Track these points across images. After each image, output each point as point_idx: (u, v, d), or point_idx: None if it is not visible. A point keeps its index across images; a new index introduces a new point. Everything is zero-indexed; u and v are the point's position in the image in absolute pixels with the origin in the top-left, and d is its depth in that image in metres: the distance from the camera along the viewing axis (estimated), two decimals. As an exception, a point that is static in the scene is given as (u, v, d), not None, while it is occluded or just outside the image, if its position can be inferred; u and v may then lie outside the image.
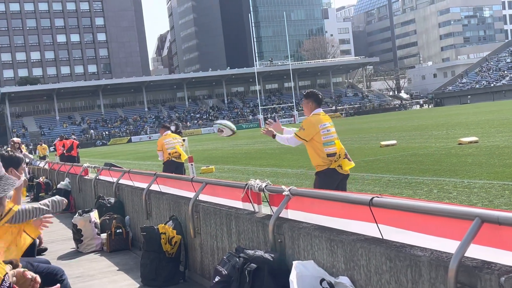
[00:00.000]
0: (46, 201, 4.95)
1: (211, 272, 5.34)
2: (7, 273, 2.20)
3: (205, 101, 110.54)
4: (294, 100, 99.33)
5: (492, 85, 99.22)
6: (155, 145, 16.84)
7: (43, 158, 28.31)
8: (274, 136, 7.08)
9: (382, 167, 15.08)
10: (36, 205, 4.80)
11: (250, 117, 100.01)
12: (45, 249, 8.89)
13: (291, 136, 6.96)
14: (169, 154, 13.61)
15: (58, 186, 14.33)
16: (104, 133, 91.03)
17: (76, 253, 8.65)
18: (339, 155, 6.71)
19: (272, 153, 24.96)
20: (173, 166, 13.22)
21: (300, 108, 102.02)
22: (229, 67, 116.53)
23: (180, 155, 13.56)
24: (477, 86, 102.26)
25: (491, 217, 2.66)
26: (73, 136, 24.78)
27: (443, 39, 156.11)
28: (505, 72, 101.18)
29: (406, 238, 3.28)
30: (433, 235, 3.11)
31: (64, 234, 10.44)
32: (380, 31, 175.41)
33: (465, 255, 2.72)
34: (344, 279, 3.52)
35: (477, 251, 2.78)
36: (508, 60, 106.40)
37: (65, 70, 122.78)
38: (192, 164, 16.84)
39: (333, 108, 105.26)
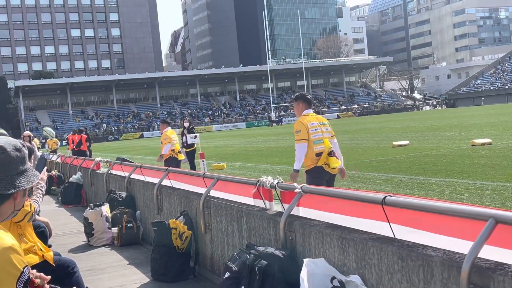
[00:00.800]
0: (39, 190, 5.01)
1: (221, 268, 5.35)
2: (26, 265, 2.22)
3: (218, 98, 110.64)
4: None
5: (506, 87, 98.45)
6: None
7: (53, 152, 28.44)
8: (296, 170, 7.11)
9: (394, 167, 15.01)
10: (35, 197, 4.87)
11: (265, 114, 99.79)
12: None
13: (296, 147, 7.04)
14: (172, 150, 13.81)
15: (70, 179, 14.41)
16: (113, 128, 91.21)
17: (87, 247, 8.70)
18: (325, 153, 6.95)
19: (284, 151, 24.93)
20: (174, 163, 13.40)
21: (312, 107, 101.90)
22: (242, 65, 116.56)
23: (179, 151, 13.85)
24: (491, 87, 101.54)
25: (506, 218, 2.63)
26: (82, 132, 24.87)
27: (457, 39, 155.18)
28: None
29: (419, 237, 3.26)
30: (446, 235, 3.08)
31: (75, 227, 10.49)
32: (394, 31, 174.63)
33: (478, 256, 2.69)
34: (355, 278, 3.51)
35: (490, 252, 2.76)
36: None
37: (79, 64, 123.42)
38: (203, 161, 16.89)
39: (343, 107, 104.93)
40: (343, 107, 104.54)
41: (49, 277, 2.85)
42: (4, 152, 2.34)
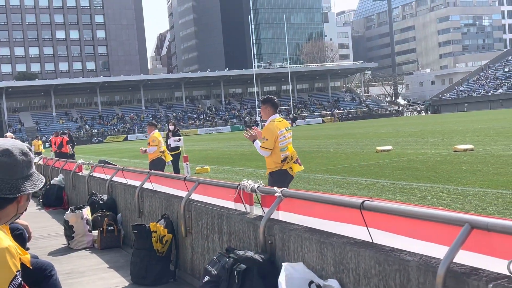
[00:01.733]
0: None
1: (202, 271, 5.32)
2: (19, 270, 2.19)
3: (203, 101, 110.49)
4: (292, 103, 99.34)
5: (489, 94, 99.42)
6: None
7: (38, 153, 28.21)
8: (254, 141, 7.45)
9: (377, 172, 15.08)
10: None
11: (247, 118, 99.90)
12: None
13: (260, 150, 7.32)
14: (160, 152, 13.90)
15: (52, 182, 14.28)
16: (93, 130, 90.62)
17: (66, 250, 8.62)
18: (291, 157, 7.24)
19: (268, 155, 24.94)
20: (162, 164, 13.48)
21: (297, 112, 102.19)
22: (227, 68, 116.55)
23: (165, 152, 14.05)
24: (475, 94, 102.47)
25: (480, 223, 2.65)
26: (64, 134, 24.73)
27: (442, 46, 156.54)
28: (503, 81, 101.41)
29: (396, 242, 3.27)
30: (423, 240, 3.10)
31: (55, 230, 10.40)
32: (379, 37, 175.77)
33: (454, 261, 2.70)
34: (333, 282, 3.51)
35: (466, 257, 2.77)
36: (506, 70, 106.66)
37: (63, 66, 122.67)
38: (187, 164, 16.84)
39: (328, 112, 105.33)
40: (323, 112, 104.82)
41: None
42: (11, 155, 2.33)
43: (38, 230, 10.15)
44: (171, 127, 17.65)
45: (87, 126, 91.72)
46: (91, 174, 11.31)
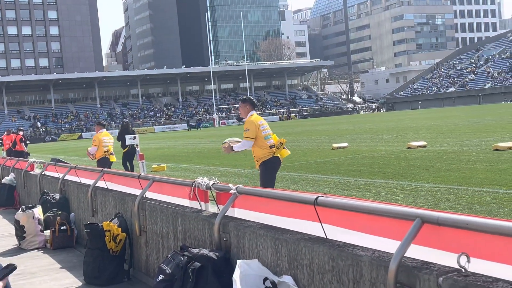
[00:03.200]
0: None
1: (156, 271, 5.25)
2: None
3: (159, 99, 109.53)
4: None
5: (442, 91, 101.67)
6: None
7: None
8: (232, 149, 7.97)
9: (333, 169, 15.21)
10: None
11: (207, 116, 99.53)
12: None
13: (243, 141, 7.86)
14: (104, 152, 13.93)
15: (3, 181, 13.92)
16: (42, 129, 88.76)
17: (18, 250, 8.41)
18: (280, 143, 7.82)
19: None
20: (107, 164, 13.47)
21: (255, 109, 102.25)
22: (184, 66, 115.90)
23: (112, 153, 14.12)
24: (428, 92, 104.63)
25: (431, 217, 2.67)
26: (20, 132, 24.09)
27: (396, 45, 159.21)
28: (455, 79, 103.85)
29: (350, 237, 3.28)
30: (375, 235, 3.12)
31: (6, 230, 10.14)
32: (335, 35, 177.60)
33: (406, 255, 2.72)
34: (287, 278, 3.50)
35: (417, 252, 2.79)
36: (458, 68, 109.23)
37: (15, 63, 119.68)
38: (143, 162, 16.64)
39: (286, 110, 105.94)
40: (281, 109, 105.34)
41: None
42: None
43: (-13, 231, 9.87)
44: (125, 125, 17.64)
45: (38, 123, 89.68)
46: (43, 173, 11.06)
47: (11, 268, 2.89)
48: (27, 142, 25.24)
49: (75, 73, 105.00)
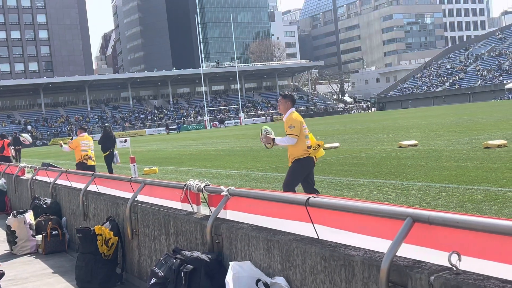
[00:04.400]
0: None
1: (149, 274, 5.24)
2: None
3: (150, 101, 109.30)
4: (240, 102, 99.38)
5: (432, 90, 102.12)
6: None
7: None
8: (273, 140, 7.87)
9: (325, 169, 15.23)
10: None
11: (198, 118, 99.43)
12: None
13: (287, 137, 7.77)
14: (81, 156, 14.11)
15: (-7, 186, 13.83)
16: (33, 132, 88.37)
17: (9, 256, 8.36)
18: (318, 145, 7.90)
19: (217, 154, 24.90)
20: (85, 168, 13.62)
21: (246, 110, 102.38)
22: (175, 68, 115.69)
23: (91, 157, 14.24)
24: (418, 91, 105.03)
25: (422, 216, 2.68)
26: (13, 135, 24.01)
27: (386, 44, 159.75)
28: (445, 78, 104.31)
29: (341, 238, 3.29)
30: (367, 235, 3.12)
31: (-3, 236, 10.07)
32: (325, 36, 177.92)
33: (397, 254, 2.73)
34: (279, 280, 3.50)
35: (409, 251, 2.80)
36: (448, 67, 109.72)
37: (4, 67, 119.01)
38: (134, 165, 16.62)
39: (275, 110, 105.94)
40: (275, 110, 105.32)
41: None
42: None
43: (-22, 237, 9.81)
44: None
45: (29, 127, 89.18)
46: (34, 178, 11.01)
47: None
48: (20, 147, 25.08)
49: (65, 76, 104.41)
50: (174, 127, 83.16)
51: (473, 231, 2.48)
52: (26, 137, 29.29)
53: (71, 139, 14.64)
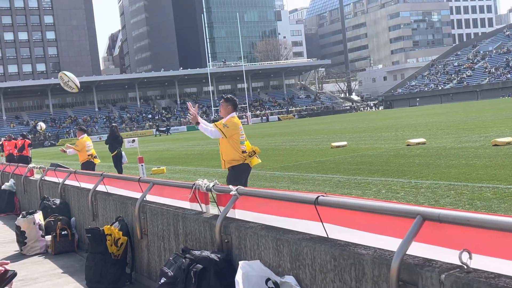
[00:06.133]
0: None
1: (158, 273, 5.25)
2: None
3: (157, 101, 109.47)
4: (247, 101, 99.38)
5: (440, 88, 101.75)
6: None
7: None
8: (198, 123, 7.74)
9: (333, 167, 15.22)
10: None
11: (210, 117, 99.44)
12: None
13: (214, 130, 7.75)
14: (88, 155, 14.62)
15: (3, 187, 13.90)
16: (34, 133, 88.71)
17: (19, 256, 8.40)
18: (253, 151, 7.89)
19: (224, 154, 24.87)
20: (91, 167, 14.11)
21: (252, 109, 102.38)
22: (181, 68, 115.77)
23: (96, 156, 14.96)
24: (426, 89, 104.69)
25: (432, 215, 2.68)
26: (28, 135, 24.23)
27: (393, 42, 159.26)
28: (453, 76, 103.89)
29: (351, 236, 3.28)
30: (377, 234, 3.12)
31: (7, 236, 10.13)
32: (332, 34, 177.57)
33: (407, 253, 2.73)
34: (289, 279, 3.50)
35: (419, 249, 2.80)
36: (456, 64, 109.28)
37: (12, 68, 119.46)
38: (142, 165, 16.66)
39: (285, 109, 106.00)
40: (285, 109, 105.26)
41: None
42: None
43: (-12, 237, 9.87)
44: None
45: (41, 124, 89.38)
46: (42, 178, 11.05)
47: (11, 274, 2.88)
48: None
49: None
50: (164, 129, 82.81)
51: (483, 229, 2.47)
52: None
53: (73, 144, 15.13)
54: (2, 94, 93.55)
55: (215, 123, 7.87)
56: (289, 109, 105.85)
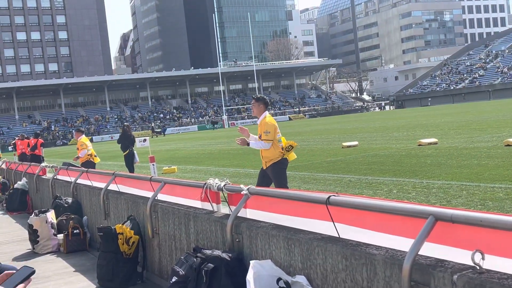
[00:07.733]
0: None
1: (169, 272, 5.27)
2: None
3: (169, 101, 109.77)
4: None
5: (451, 87, 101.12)
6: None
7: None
8: (248, 144, 8.06)
9: (344, 167, 15.19)
10: None
11: (219, 118, 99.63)
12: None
13: (262, 142, 7.95)
14: (89, 155, 14.87)
15: (15, 186, 14.02)
16: (57, 132, 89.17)
17: (32, 254, 8.46)
18: (289, 147, 8.08)
19: (235, 153, 24.92)
20: (91, 166, 14.36)
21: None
22: (193, 67, 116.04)
23: (96, 155, 15.40)
24: (438, 88, 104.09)
25: (444, 215, 2.67)
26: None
27: (404, 42, 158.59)
28: (465, 75, 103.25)
29: (362, 236, 3.28)
30: (388, 234, 3.11)
31: (20, 234, 10.20)
32: (343, 34, 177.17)
33: (419, 253, 2.72)
34: (300, 278, 3.50)
35: (431, 249, 2.78)
36: (468, 64, 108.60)
37: (25, 68, 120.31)
38: (153, 164, 16.71)
39: (297, 109, 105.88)
40: (297, 109, 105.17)
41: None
42: None
43: (2, 235, 9.96)
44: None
45: (53, 127, 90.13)
46: (55, 177, 11.11)
47: (30, 271, 2.89)
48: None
49: (84, 77, 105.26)
50: (159, 130, 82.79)
51: (496, 230, 2.46)
52: None
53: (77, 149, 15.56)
54: (15, 93, 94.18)
55: (259, 136, 8.00)
56: (300, 109, 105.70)
